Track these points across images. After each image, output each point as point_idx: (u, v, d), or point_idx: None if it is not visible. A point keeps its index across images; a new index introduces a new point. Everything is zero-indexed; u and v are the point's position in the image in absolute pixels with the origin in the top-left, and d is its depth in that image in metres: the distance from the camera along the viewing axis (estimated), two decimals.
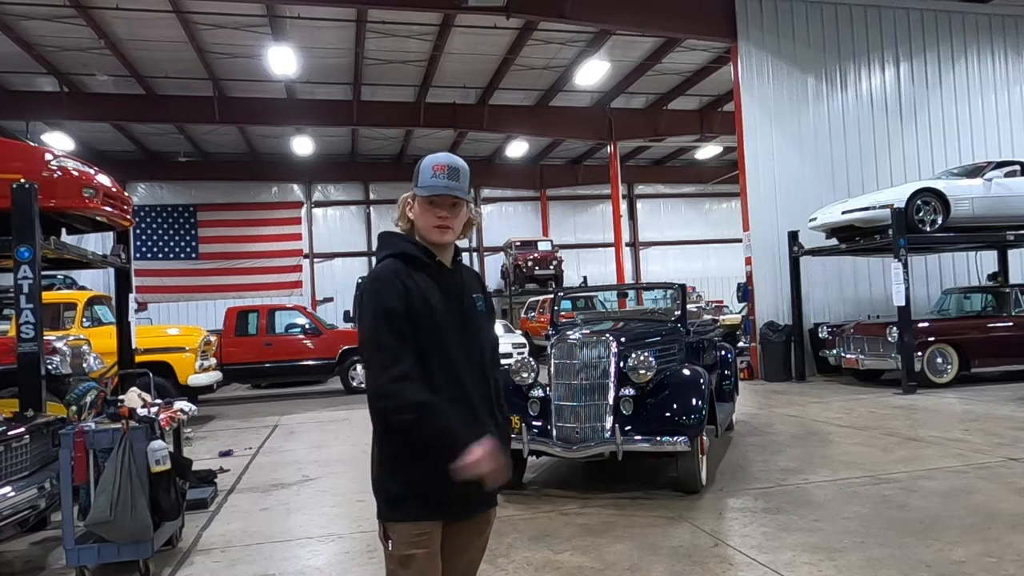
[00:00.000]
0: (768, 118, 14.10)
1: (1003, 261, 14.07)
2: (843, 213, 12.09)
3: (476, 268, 28.20)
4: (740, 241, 14.62)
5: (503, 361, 5.56)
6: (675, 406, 5.54)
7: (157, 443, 4.29)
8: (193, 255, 25.85)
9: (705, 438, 5.84)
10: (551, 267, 23.72)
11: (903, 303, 10.82)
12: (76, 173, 6.76)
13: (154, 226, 25.57)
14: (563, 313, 11.93)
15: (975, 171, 12.05)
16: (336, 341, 14.47)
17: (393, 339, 2.11)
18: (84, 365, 7.74)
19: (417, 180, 2.25)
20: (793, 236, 13.40)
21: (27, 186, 5.93)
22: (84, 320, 10.55)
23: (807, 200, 13.60)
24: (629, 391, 5.60)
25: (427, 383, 2.11)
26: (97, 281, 19.42)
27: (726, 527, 4.79)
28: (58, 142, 19.52)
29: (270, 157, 25.63)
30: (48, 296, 8.93)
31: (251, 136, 23.33)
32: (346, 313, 21.34)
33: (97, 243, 14.61)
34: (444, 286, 2.24)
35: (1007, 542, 4.18)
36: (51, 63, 16.50)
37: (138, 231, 24.47)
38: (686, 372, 5.88)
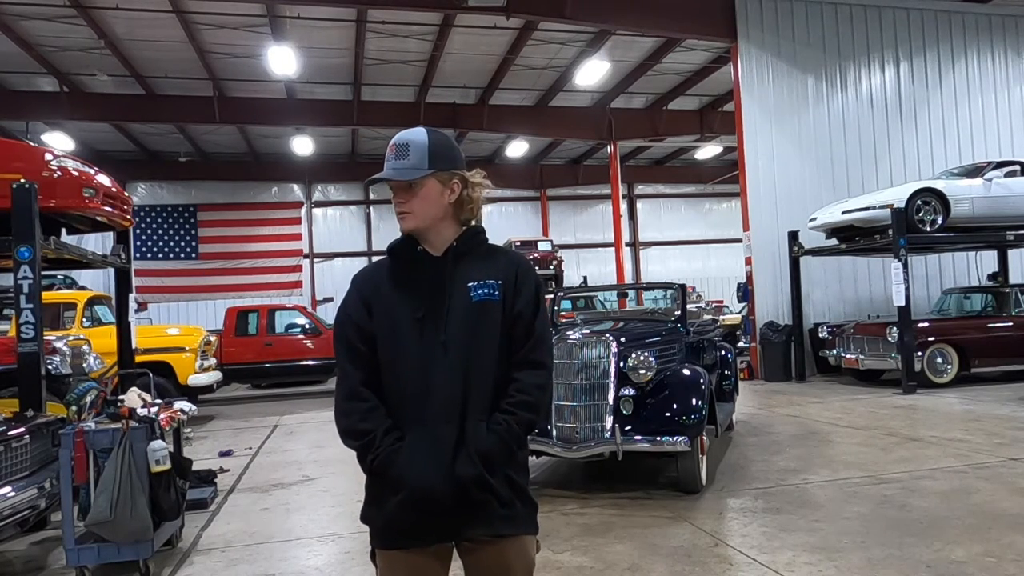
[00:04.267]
0: (768, 118, 14.10)
1: (1003, 261, 14.08)
2: (843, 213, 12.09)
3: None
4: (740, 241, 14.62)
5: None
6: (675, 406, 5.54)
7: (157, 443, 4.29)
8: (193, 255, 25.83)
9: (705, 438, 5.84)
10: (551, 267, 23.66)
11: (903, 303, 10.82)
12: (76, 173, 6.75)
13: (154, 226, 25.55)
14: (563, 313, 11.92)
15: (975, 171, 12.05)
16: None
17: (344, 351, 2.07)
18: (84, 365, 7.73)
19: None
20: (793, 236, 13.41)
21: (27, 186, 5.92)
22: (84, 320, 10.55)
23: (807, 200, 13.61)
24: (629, 391, 5.60)
25: (381, 394, 2.00)
26: (97, 281, 19.44)
27: (726, 527, 4.79)
28: (58, 142, 19.51)
29: (270, 157, 25.63)
30: (48, 296, 8.93)
31: (251, 136, 23.32)
32: None
33: (97, 243, 14.61)
34: (423, 278, 2.01)
35: (1007, 542, 4.18)
36: (51, 63, 16.50)
37: (138, 231, 24.46)
38: (686, 372, 5.88)
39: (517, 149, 25.08)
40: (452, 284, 2.00)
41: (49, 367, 6.43)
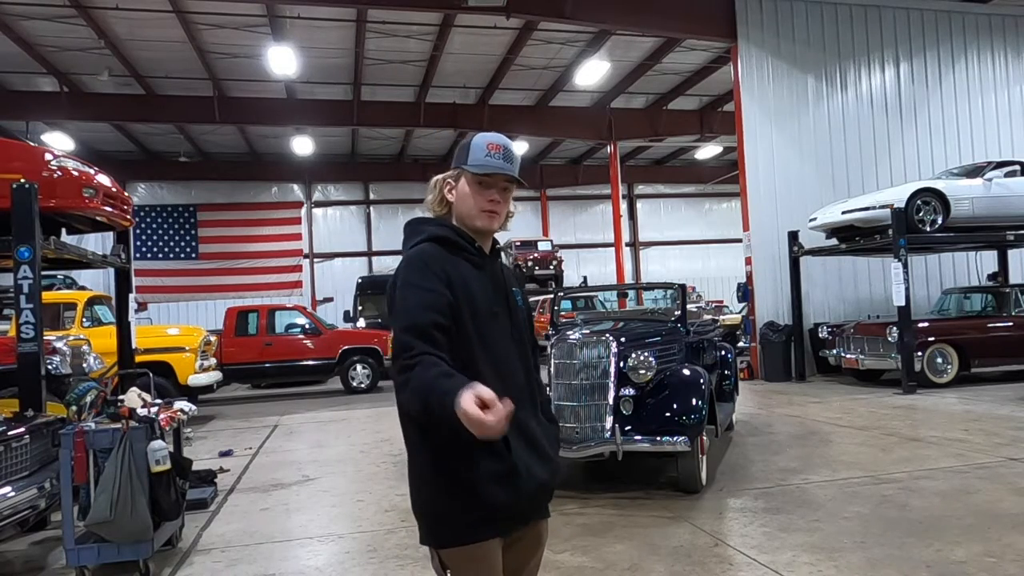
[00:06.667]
0: (768, 118, 14.10)
1: (1003, 261, 14.09)
2: (843, 213, 12.09)
3: None
4: (740, 241, 14.62)
5: None
6: (675, 406, 5.54)
7: (157, 443, 4.29)
8: (193, 255, 25.85)
9: (705, 438, 5.84)
10: (551, 267, 23.67)
11: (903, 303, 10.82)
12: (76, 173, 6.76)
13: (154, 226, 25.57)
14: (563, 313, 11.94)
15: (975, 171, 12.05)
16: (336, 341, 14.48)
17: (433, 322, 1.83)
18: (84, 365, 7.73)
19: (466, 157, 2.00)
20: (793, 236, 13.41)
21: (27, 186, 5.93)
22: (84, 320, 10.55)
23: (807, 200, 13.61)
24: (629, 391, 5.60)
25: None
26: (97, 281, 19.42)
27: (726, 527, 4.79)
28: (58, 142, 19.51)
29: (270, 157, 25.64)
30: (48, 296, 8.93)
31: (251, 136, 23.33)
32: (346, 313, 21.35)
33: (97, 243, 14.61)
34: (486, 276, 2.02)
35: (1007, 542, 4.18)
36: (51, 63, 16.50)
37: (138, 231, 24.48)
38: (686, 372, 5.88)
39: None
40: (507, 287, 2.10)
41: (49, 367, 6.43)
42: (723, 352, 8.01)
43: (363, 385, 14.35)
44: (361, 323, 19.94)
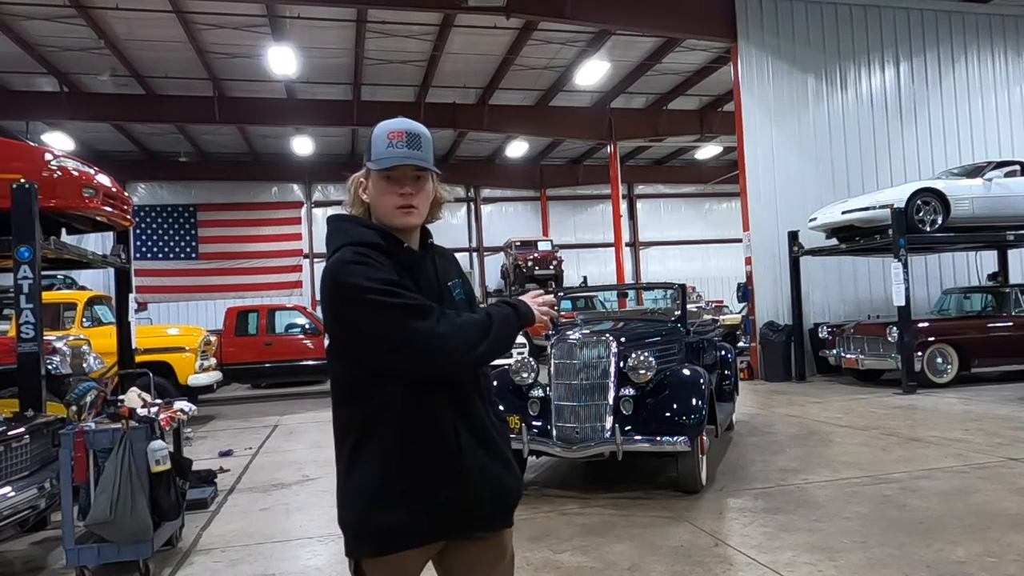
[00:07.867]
0: (768, 118, 14.10)
1: (1003, 261, 14.08)
2: (843, 213, 12.10)
3: (475, 269, 28.28)
4: (740, 241, 14.62)
5: (505, 361, 5.64)
6: (675, 406, 5.54)
7: (157, 443, 4.29)
8: (193, 255, 25.83)
9: (705, 438, 5.84)
10: (551, 267, 23.72)
11: (903, 303, 10.82)
12: (76, 173, 6.76)
13: (154, 226, 25.56)
14: (563, 313, 11.95)
15: (975, 171, 12.05)
16: None
17: (403, 296, 1.76)
18: (84, 365, 7.72)
19: (369, 153, 1.87)
20: (793, 236, 13.41)
21: (27, 186, 5.93)
22: (84, 320, 10.55)
23: (807, 200, 13.61)
24: (629, 391, 5.60)
25: (405, 385, 1.81)
26: (97, 281, 19.41)
27: (726, 527, 4.79)
28: (58, 142, 19.51)
29: (270, 157, 25.62)
30: (48, 296, 8.93)
31: (251, 136, 23.32)
32: None
33: (97, 243, 14.60)
34: (417, 275, 1.88)
35: (1007, 542, 4.18)
36: (51, 63, 16.50)
37: (138, 231, 24.46)
38: (686, 372, 5.88)
39: (517, 149, 25.09)
40: (441, 283, 1.95)
41: (49, 367, 6.42)
42: (723, 352, 8.01)
43: None
44: None
